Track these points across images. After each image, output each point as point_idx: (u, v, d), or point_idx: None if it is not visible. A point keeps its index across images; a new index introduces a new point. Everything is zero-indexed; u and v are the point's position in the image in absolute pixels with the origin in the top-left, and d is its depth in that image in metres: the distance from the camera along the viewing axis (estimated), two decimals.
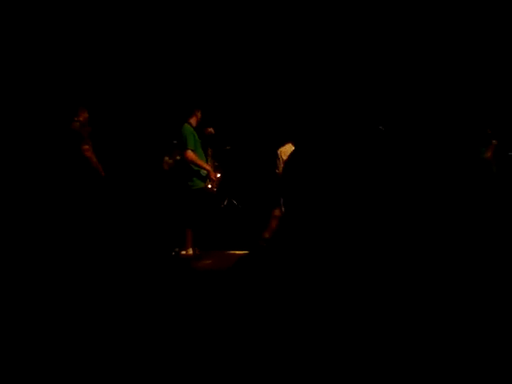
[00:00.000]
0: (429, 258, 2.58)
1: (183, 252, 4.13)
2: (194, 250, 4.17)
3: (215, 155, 4.74)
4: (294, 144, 4.56)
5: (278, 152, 4.84)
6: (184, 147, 4.06)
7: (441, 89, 5.99)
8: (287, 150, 4.48)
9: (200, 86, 5.74)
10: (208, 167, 4.19)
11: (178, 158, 4.54)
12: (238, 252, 4.99)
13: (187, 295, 2.51)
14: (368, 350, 1.59)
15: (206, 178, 4.20)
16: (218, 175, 4.61)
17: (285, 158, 4.38)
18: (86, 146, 4.45)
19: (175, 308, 2.21)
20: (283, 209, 4.41)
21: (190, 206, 4.13)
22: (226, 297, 2.31)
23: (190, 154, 4.03)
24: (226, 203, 5.89)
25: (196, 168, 4.11)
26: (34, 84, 4.89)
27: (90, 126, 4.59)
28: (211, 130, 4.41)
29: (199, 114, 4.27)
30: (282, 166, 4.61)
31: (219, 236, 5.44)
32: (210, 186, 4.22)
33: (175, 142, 4.53)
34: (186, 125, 4.14)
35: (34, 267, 3.03)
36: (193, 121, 4.23)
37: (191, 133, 4.10)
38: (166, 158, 4.85)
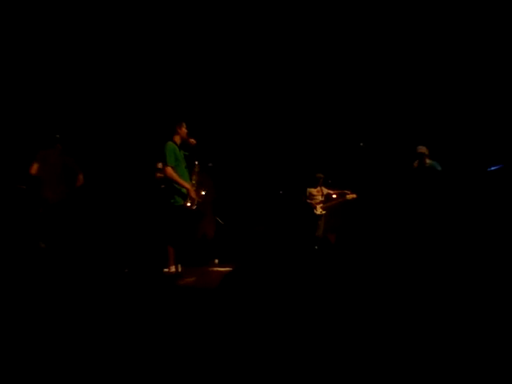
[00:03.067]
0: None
1: (166, 269, 4.09)
2: (176, 267, 4.13)
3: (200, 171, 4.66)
4: None
5: None
6: (164, 164, 4.05)
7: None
8: None
9: (186, 102, 5.78)
10: (187, 185, 4.11)
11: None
12: (221, 269, 4.97)
13: (172, 312, 2.49)
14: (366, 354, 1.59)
15: (187, 196, 4.17)
16: (203, 193, 4.53)
17: None
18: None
19: (161, 325, 2.18)
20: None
21: (171, 222, 4.11)
22: (212, 313, 2.29)
23: (168, 170, 4.00)
24: None
25: (178, 186, 4.09)
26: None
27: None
28: (192, 140, 4.31)
29: (182, 131, 4.23)
30: None
31: (202, 253, 5.39)
32: (188, 205, 4.14)
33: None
34: (168, 142, 4.13)
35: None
36: (176, 138, 4.21)
37: (172, 150, 4.08)
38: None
